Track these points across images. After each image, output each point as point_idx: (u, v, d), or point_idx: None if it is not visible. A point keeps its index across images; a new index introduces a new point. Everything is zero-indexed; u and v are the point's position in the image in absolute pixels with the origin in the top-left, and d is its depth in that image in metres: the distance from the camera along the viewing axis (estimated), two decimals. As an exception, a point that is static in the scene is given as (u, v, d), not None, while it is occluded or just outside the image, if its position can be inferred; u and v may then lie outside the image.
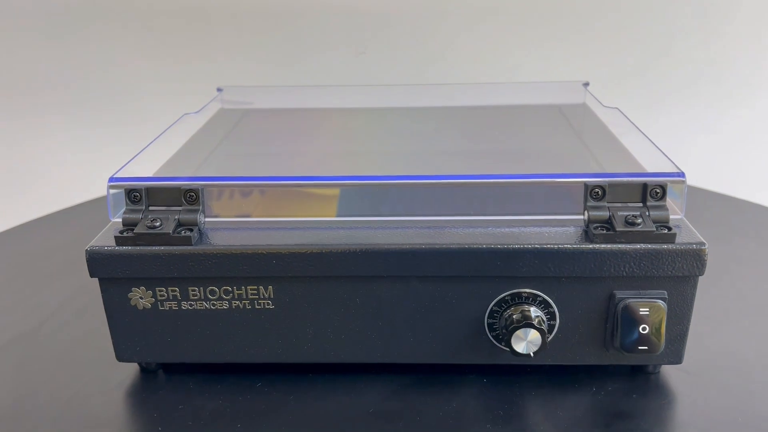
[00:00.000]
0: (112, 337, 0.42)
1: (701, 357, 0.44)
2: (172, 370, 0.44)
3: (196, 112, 0.56)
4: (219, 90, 0.63)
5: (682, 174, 0.40)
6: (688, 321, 0.40)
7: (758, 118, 0.87)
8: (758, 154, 0.89)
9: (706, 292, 0.52)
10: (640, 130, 0.48)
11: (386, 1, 0.84)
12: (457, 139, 0.54)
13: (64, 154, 0.93)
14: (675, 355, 0.41)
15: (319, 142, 0.53)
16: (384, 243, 0.39)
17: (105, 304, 0.41)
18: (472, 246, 0.38)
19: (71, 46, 0.88)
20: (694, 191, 0.72)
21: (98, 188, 0.74)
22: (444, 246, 0.39)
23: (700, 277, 0.39)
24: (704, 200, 0.70)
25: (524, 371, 0.43)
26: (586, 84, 0.61)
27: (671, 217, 0.39)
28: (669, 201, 0.40)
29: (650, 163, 0.43)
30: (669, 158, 0.42)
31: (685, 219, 0.40)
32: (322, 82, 0.84)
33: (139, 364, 0.44)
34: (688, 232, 0.39)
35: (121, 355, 0.42)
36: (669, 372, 0.43)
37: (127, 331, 0.41)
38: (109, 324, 0.41)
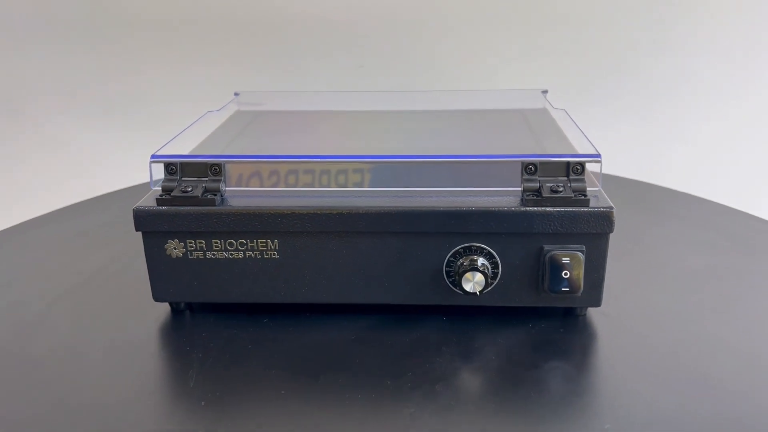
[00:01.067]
0: (151, 282, 0.53)
1: (620, 305, 0.54)
2: (196, 310, 0.55)
3: (217, 110, 0.67)
4: (236, 94, 0.75)
5: (598, 155, 0.51)
6: (603, 270, 0.50)
7: (683, 117, 0.99)
8: (688, 151, 1.01)
9: (630, 256, 0.63)
10: (576, 125, 0.59)
11: (381, 23, 0.96)
12: (432, 132, 0.65)
13: (97, 150, 1.05)
14: (594, 299, 0.51)
15: (318, 134, 0.64)
16: (364, 206, 0.50)
17: (146, 254, 0.52)
18: (431, 208, 0.49)
19: (103, 58, 1.00)
20: (634, 182, 0.83)
21: (123, 181, 0.86)
22: (410, 208, 0.50)
23: (611, 234, 0.49)
24: (643, 189, 0.82)
25: (476, 312, 0.53)
26: (545, 91, 0.73)
27: (590, 188, 0.50)
28: (590, 176, 0.51)
29: (580, 147, 0.54)
30: (592, 144, 0.53)
31: (602, 190, 0.51)
32: (329, 88, 0.97)
33: (170, 304, 0.55)
34: (602, 199, 0.50)
35: (157, 296, 0.53)
36: (593, 315, 0.53)
37: (162, 276, 0.53)
38: (148, 271, 0.53)
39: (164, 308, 0.55)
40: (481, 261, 0.50)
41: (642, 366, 0.47)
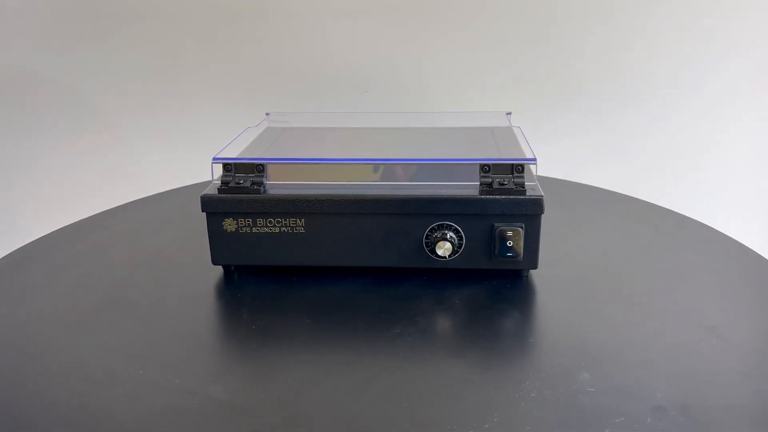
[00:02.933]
0: (211, 250, 0.73)
1: (553, 269, 0.74)
2: (242, 272, 0.75)
3: (255, 126, 0.88)
4: (267, 114, 0.95)
5: (534, 159, 0.70)
6: (538, 242, 0.70)
7: (616, 128, 1.19)
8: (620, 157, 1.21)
9: (564, 236, 0.82)
10: (525, 138, 0.79)
11: (380, 60, 1.17)
12: (418, 143, 0.85)
13: (156, 155, 1.27)
14: (532, 263, 0.71)
15: (333, 143, 0.85)
16: (367, 195, 0.70)
17: (208, 229, 0.72)
18: (414, 196, 0.69)
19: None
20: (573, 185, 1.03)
21: (173, 183, 1.07)
22: (399, 196, 0.69)
23: (542, 215, 0.69)
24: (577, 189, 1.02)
25: (447, 273, 0.73)
26: (509, 113, 0.93)
27: (528, 183, 0.70)
28: (531, 174, 0.71)
29: (522, 153, 0.74)
30: (532, 151, 0.73)
31: (538, 185, 0.71)
32: (341, 110, 1.19)
33: (224, 267, 0.75)
34: (537, 190, 0.70)
35: (216, 260, 0.73)
36: (533, 276, 0.73)
37: (220, 245, 0.72)
38: (209, 241, 0.72)
39: (218, 271, 0.75)
40: (449, 234, 0.70)
41: (563, 308, 0.67)
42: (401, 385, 0.55)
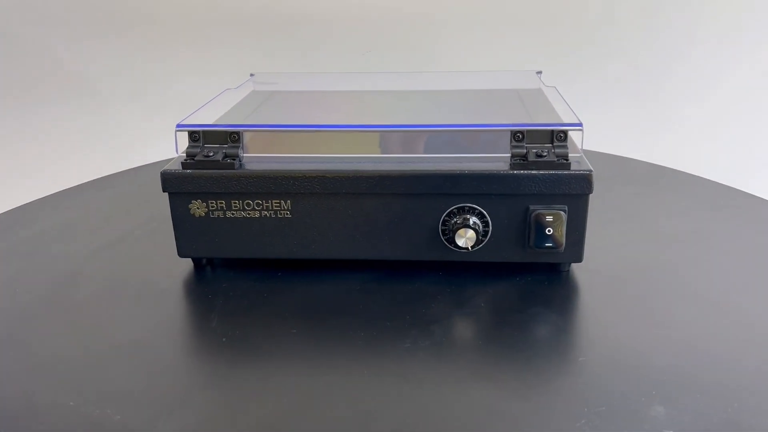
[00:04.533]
0: (176, 239, 0.59)
1: (601, 261, 0.60)
2: (217, 266, 0.61)
3: (235, 88, 0.73)
4: (251, 75, 0.81)
5: (580, 124, 0.56)
6: (584, 228, 0.56)
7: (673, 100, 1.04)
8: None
9: (612, 220, 0.68)
10: (564, 100, 0.64)
11: (387, 12, 1.02)
12: (431, 107, 0.70)
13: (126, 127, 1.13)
14: (576, 255, 0.57)
15: (327, 108, 0.70)
16: (368, 170, 0.55)
17: (172, 213, 0.58)
18: (429, 172, 0.55)
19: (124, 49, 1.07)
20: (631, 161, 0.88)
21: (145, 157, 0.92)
22: (409, 172, 0.55)
23: (590, 195, 0.55)
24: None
25: (468, 267, 0.59)
26: (539, 72, 0.78)
27: (572, 154, 0.55)
28: (573, 144, 0.57)
29: (564, 118, 0.59)
30: (575, 114, 0.58)
31: (583, 156, 0.56)
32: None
33: (193, 260, 0.61)
34: (582, 164, 0.55)
35: (182, 252, 0.59)
36: (576, 270, 0.59)
37: (186, 234, 0.58)
38: (174, 229, 0.58)
39: (188, 264, 0.61)
40: (473, 219, 0.55)
41: (616, 312, 0.53)
42: (412, 419, 0.41)
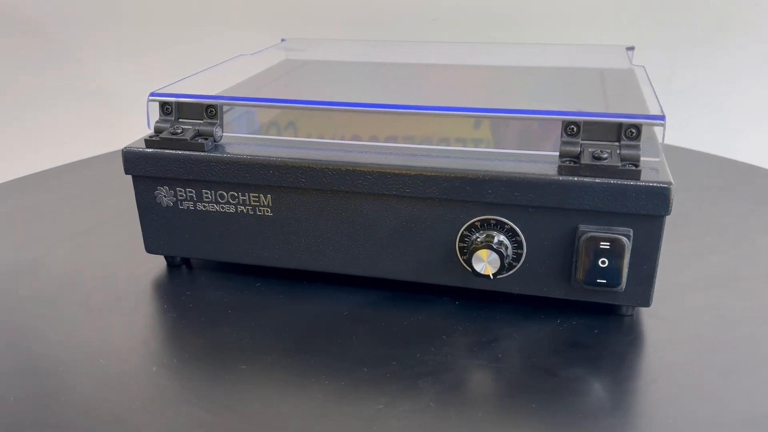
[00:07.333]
0: (143, 232, 0.49)
1: (680, 307, 0.44)
2: (193, 266, 0.51)
3: (251, 54, 0.62)
4: (282, 40, 0.69)
5: (662, 117, 0.40)
6: (656, 261, 0.40)
7: None
8: None
9: (698, 248, 0.51)
10: (650, 83, 0.48)
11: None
12: (481, 88, 0.56)
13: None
14: (641, 298, 0.41)
15: (345, 83, 0.57)
16: (367, 163, 0.43)
17: (137, 200, 0.48)
18: (446, 171, 0.41)
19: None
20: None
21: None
22: (421, 169, 0.42)
23: (666, 217, 0.39)
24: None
25: (493, 299, 0.45)
26: (631, 48, 0.61)
27: (646, 158, 0.40)
28: (654, 144, 0.41)
29: (640, 107, 0.43)
30: (659, 103, 0.42)
31: (664, 162, 0.40)
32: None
33: (165, 258, 0.51)
34: (661, 173, 0.39)
35: (149, 248, 0.49)
36: (642, 317, 0.43)
37: (154, 226, 0.48)
38: (140, 219, 0.48)
39: (160, 262, 0.51)
40: (498, 238, 0.41)
41: (697, 388, 0.37)
42: None
